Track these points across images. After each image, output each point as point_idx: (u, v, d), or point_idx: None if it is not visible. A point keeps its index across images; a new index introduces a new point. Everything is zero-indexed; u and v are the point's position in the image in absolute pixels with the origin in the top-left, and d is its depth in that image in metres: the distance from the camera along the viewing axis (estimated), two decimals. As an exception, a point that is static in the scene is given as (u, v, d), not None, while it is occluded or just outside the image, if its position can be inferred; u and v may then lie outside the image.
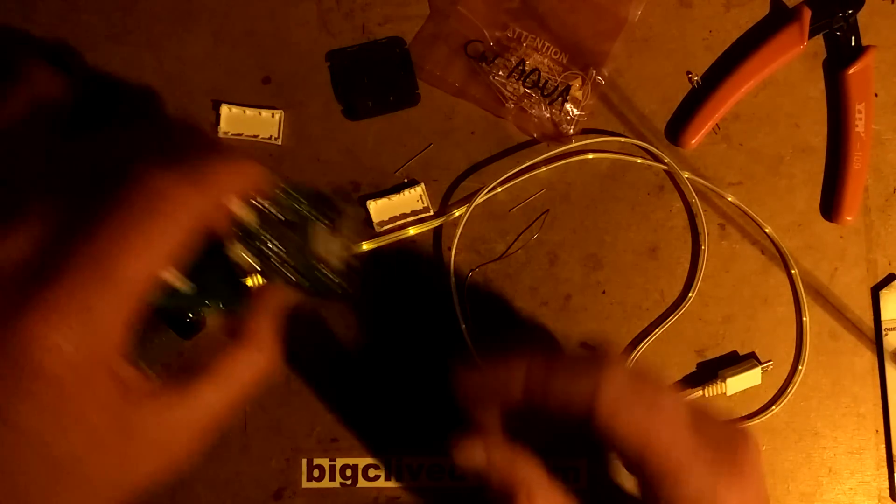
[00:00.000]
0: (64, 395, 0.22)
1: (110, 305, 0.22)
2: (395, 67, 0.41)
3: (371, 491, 0.40)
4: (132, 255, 0.23)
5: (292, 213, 0.29)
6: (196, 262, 0.26)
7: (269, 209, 0.28)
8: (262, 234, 0.28)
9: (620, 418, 0.28)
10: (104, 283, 0.22)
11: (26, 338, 0.21)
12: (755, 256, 0.42)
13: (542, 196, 0.42)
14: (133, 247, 0.23)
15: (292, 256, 0.29)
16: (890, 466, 0.41)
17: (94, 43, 0.41)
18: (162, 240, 0.23)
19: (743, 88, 0.41)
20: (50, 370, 0.22)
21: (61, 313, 0.22)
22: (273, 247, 0.28)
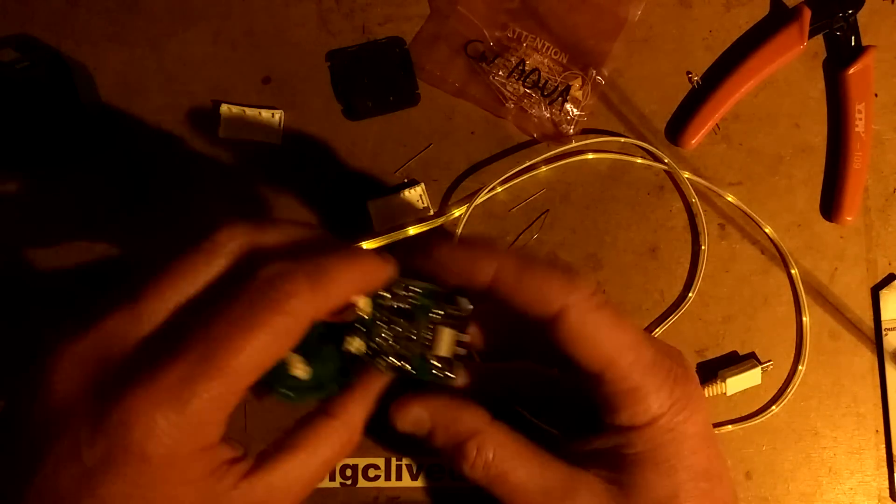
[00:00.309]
0: (156, 475, 0.22)
1: (212, 393, 0.23)
2: (395, 67, 0.41)
3: (371, 491, 0.40)
4: (241, 348, 0.23)
5: (409, 303, 0.29)
6: (311, 348, 0.27)
7: (387, 300, 0.29)
8: (378, 326, 0.29)
9: (587, 329, 0.27)
10: (210, 372, 0.22)
11: (127, 414, 0.22)
12: (755, 256, 0.42)
13: (542, 196, 0.42)
14: (243, 340, 0.23)
15: (405, 348, 0.29)
16: (890, 466, 0.41)
17: (94, 43, 0.41)
18: (274, 334, 0.24)
19: (743, 88, 0.41)
20: (145, 448, 0.22)
21: (164, 396, 0.22)
22: (386, 337, 0.29)
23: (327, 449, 0.28)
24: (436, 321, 0.29)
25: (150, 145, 0.41)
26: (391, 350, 0.29)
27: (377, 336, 0.29)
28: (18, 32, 0.41)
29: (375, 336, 0.29)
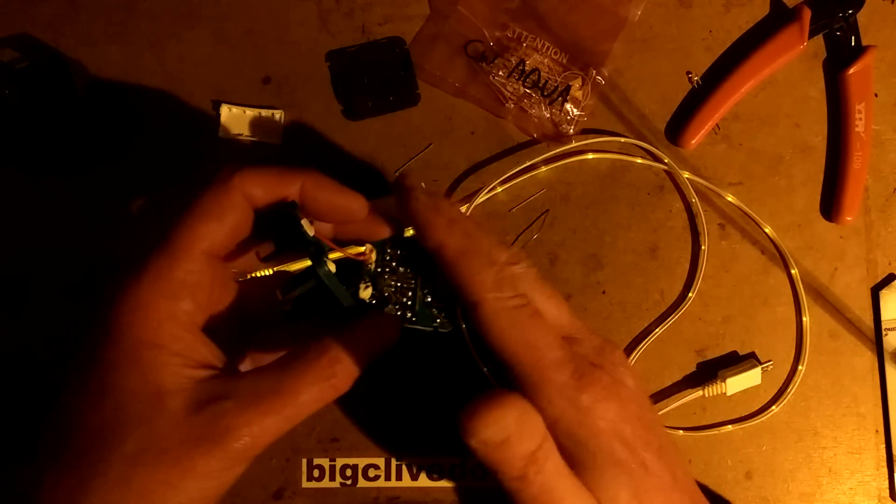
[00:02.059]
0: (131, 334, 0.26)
1: (165, 260, 0.27)
2: (395, 67, 0.41)
3: (371, 491, 0.40)
4: (180, 223, 0.27)
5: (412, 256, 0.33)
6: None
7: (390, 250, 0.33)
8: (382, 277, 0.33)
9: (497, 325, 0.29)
10: (163, 242, 0.27)
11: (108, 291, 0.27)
12: (755, 256, 0.42)
13: (542, 196, 0.42)
14: (183, 214, 0.28)
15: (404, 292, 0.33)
16: (890, 466, 0.41)
17: (94, 43, 0.41)
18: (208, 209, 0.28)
19: (743, 88, 0.41)
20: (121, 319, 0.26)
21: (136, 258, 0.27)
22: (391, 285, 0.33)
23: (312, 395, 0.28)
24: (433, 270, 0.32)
25: (150, 145, 0.41)
26: (394, 299, 0.33)
27: (382, 285, 0.33)
28: (18, 32, 0.41)
29: (381, 286, 0.33)
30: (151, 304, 0.26)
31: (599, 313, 0.41)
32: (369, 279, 0.32)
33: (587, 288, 0.42)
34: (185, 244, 0.27)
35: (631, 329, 0.42)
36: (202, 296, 0.28)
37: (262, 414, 0.26)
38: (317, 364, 0.28)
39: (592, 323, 0.41)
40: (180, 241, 0.27)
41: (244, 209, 0.29)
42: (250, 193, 0.29)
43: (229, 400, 0.26)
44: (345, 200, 0.31)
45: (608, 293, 0.42)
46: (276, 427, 0.27)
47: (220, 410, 0.26)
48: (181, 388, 0.26)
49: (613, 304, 0.42)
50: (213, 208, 0.28)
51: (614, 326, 0.41)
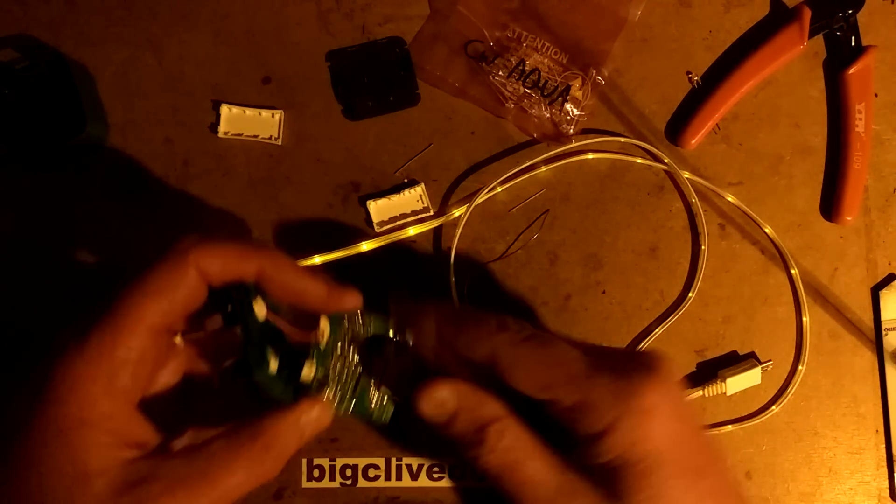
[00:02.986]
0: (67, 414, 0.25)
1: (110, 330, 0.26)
2: (395, 67, 0.41)
3: (371, 491, 0.40)
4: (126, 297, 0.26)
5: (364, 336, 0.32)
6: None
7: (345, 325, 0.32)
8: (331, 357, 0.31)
9: (519, 363, 0.30)
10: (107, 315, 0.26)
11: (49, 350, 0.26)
12: (755, 256, 0.42)
13: (542, 196, 0.42)
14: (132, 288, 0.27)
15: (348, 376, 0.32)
16: (890, 466, 0.41)
17: (94, 43, 0.41)
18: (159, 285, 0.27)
19: (743, 88, 0.41)
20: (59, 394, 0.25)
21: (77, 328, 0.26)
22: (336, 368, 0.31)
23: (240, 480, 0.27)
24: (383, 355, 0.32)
25: (149, 145, 0.41)
26: (336, 382, 0.31)
27: (329, 366, 0.31)
28: (18, 32, 0.41)
29: (326, 367, 0.31)
30: (88, 379, 0.25)
31: (599, 313, 0.41)
32: (316, 358, 0.31)
33: (587, 288, 0.42)
34: (131, 320, 0.26)
35: (631, 329, 0.42)
36: (143, 372, 0.27)
37: (188, 498, 0.26)
38: (248, 450, 0.27)
39: (592, 323, 0.41)
40: (126, 316, 0.26)
41: (197, 285, 0.28)
42: (206, 270, 0.28)
43: (156, 482, 0.26)
44: (303, 286, 0.30)
45: (608, 293, 0.42)
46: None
47: (145, 494, 0.25)
48: (108, 469, 0.25)
49: (613, 304, 0.42)
50: (164, 284, 0.27)
51: (614, 326, 0.41)
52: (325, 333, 0.31)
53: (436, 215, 0.41)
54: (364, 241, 0.40)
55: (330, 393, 0.31)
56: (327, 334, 0.31)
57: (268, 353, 0.29)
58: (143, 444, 0.27)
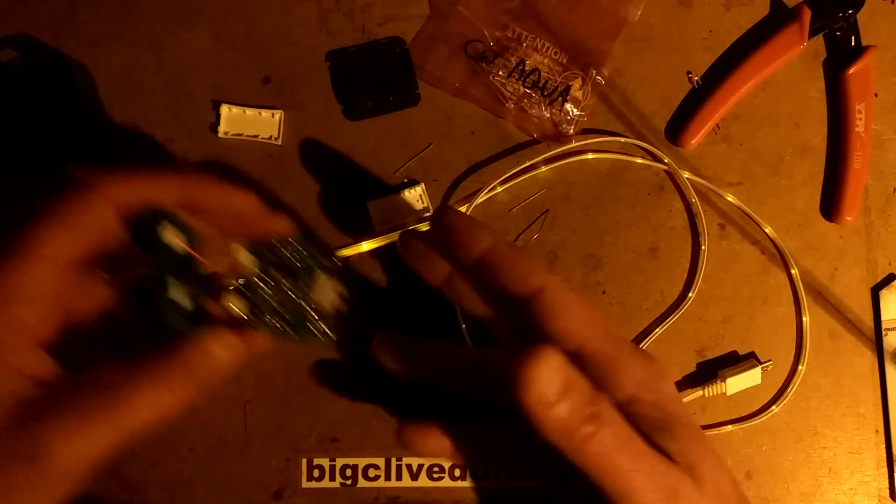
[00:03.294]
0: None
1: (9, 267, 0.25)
2: (395, 67, 0.41)
3: (371, 491, 0.40)
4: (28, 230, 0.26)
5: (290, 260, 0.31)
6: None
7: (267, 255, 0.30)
8: (259, 287, 0.30)
9: (564, 304, 0.28)
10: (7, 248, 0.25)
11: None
12: (755, 256, 0.42)
13: (542, 196, 0.42)
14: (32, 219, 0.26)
15: (284, 305, 0.30)
16: (890, 466, 0.41)
17: (94, 43, 0.41)
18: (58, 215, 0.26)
19: (743, 88, 0.41)
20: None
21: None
22: (267, 298, 0.30)
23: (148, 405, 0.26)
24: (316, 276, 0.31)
25: (149, 145, 0.41)
26: (269, 310, 0.30)
27: (256, 296, 0.29)
28: (18, 32, 0.41)
29: (255, 296, 0.29)
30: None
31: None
32: (241, 289, 0.29)
33: (587, 288, 0.41)
34: (32, 253, 0.25)
35: (631, 329, 0.42)
36: (46, 307, 0.26)
37: (81, 425, 0.25)
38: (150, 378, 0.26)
39: (592, 323, 0.41)
40: (27, 249, 0.25)
41: (110, 218, 0.27)
42: (117, 199, 0.27)
43: (52, 415, 0.25)
44: (230, 201, 0.29)
45: (608, 293, 0.42)
46: (100, 439, 0.25)
47: (40, 426, 0.25)
48: (2, 401, 0.25)
49: (613, 304, 0.42)
50: (68, 217, 0.26)
51: (614, 326, 0.41)
52: (245, 262, 0.29)
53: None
54: (364, 241, 0.40)
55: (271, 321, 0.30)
56: (248, 263, 0.29)
57: (167, 279, 0.27)
58: (43, 379, 0.26)
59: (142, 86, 0.41)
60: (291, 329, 0.30)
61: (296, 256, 0.31)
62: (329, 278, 0.31)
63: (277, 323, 0.30)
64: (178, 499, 0.40)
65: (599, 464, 0.25)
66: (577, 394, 0.25)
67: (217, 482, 0.40)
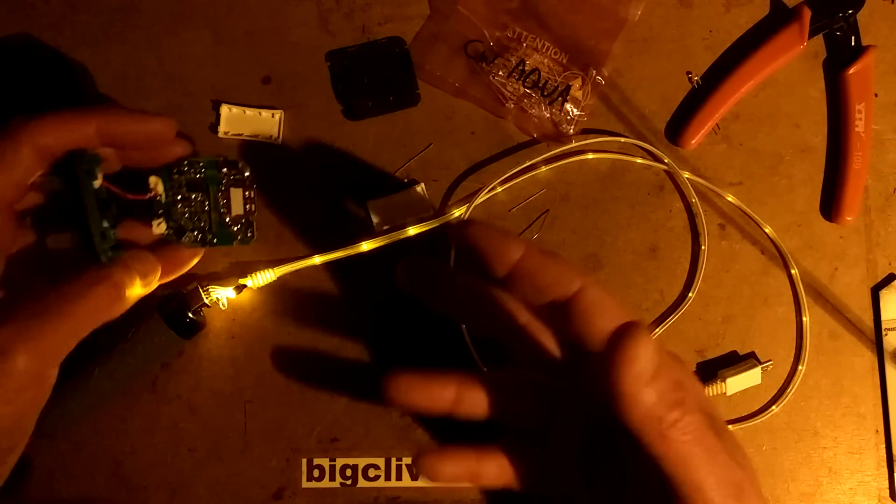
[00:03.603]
0: None
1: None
2: (395, 67, 0.41)
3: (371, 491, 0.40)
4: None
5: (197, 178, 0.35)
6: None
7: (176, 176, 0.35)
8: (174, 206, 0.35)
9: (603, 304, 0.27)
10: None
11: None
12: (755, 256, 0.42)
13: (542, 196, 0.42)
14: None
15: (201, 221, 0.35)
16: (890, 466, 0.41)
17: (94, 43, 0.41)
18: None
19: (743, 88, 0.41)
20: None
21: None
22: (184, 213, 0.35)
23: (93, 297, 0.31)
24: (225, 187, 0.36)
25: (150, 145, 0.41)
26: (190, 225, 0.35)
27: (176, 215, 0.35)
28: (18, 32, 0.41)
29: (175, 216, 0.35)
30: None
31: (599, 313, 0.41)
32: (161, 212, 0.35)
33: (587, 288, 0.41)
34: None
35: (631, 329, 0.42)
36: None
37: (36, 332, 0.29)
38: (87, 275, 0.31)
39: (592, 323, 0.41)
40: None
41: (33, 161, 0.30)
42: (43, 145, 0.30)
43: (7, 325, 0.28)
44: (147, 127, 0.33)
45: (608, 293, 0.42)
46: (52, 343, 0.29)
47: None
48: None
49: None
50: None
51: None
52: (157, 185, 0.34)
53: (436, 215, 0.41)
54: (364, 241, 0.40)
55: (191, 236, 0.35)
56: (161, 186, 0.34)
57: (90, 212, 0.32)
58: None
59: (142, 86, 0.41)
60: (213, 237, 0.36)
61: (203, 172, 0.35)
62: (238, 187, 0.36)
63: (199, 235, 0.36)
64: (178, 499, 0.40)
65: (679, 453, 0.24)
66: (667, 378, 0.24)
67: (217, 482, 0.40)
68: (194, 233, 0.35)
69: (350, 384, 0.41)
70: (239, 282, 0.39)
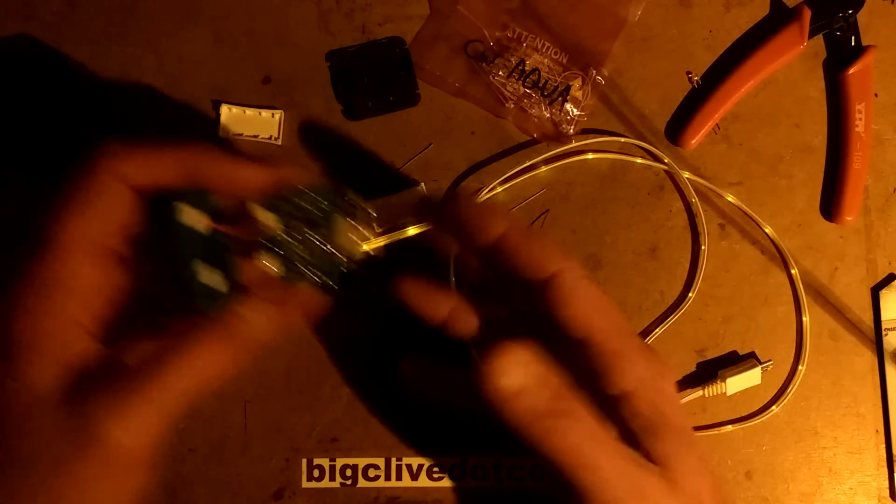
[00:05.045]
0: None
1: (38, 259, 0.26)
2: (395, 67, 0.41)
3: (371, 491, 0.40)
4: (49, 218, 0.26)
5: (312, 210, 0.31)
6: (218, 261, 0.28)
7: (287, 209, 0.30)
8: (283, 238, 0.30)
9: (578, 292, 0.28)
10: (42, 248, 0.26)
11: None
12: (755, 256, 0.42)
13: (542, 196, 0.42)
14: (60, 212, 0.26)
15: (314, 255, 0.30)
16: (890, 466, 0.41)
17: (94, 43, 0.41)
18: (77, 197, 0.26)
19: (743, 88, 0.41)
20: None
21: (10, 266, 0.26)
22: (294, 248, 0.30)
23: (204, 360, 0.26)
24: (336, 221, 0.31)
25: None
26: (303, 262, 0.30)
27: (288, 252, 0.30)
28: (18, 32, 0.41)
29: (287, 252, 0.30)
30: (25, 301, 0.25)
31: (599, 313, 0.41)
32: (270, 248, 0.30)
33: (587, 288, 0.41)
34: (57, 240, 0.26)
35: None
36: (87, 292, 0.26)
37: (136, 406, 0.25)
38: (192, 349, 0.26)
39: (592, 323, 0.41)
40: (50, 236, 0.26)
41: (127, 198, 0.27)
42: (132, 180, 0.27)
43: (101, 397, 0.25)
44: (239, 171, 0.29)
45: (608, 293, 0.41)
46: (154, 418, 0.25)
47: (91, 410, 0.24)
48: (52, 388, 0.25)
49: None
50: (82, 200, 0.26)
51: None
52: (265, 220, 0.30)
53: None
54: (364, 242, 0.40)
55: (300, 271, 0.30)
56: (268, 220, 0.30)
57: (195, 264, 0.27)
58: (90, 363, 0.26)
59: (142, 86, 0.41)
60: (326, 276, 0.30)
61: (313, 205, 0.31)
62: (348, 220, 0.31)
63: (312, 273, 0.30)
64: (178, 499, 0.40)
65: (564, 456, 0.26)
66: (544, 388, 0.27)
67: (217, 482, 0.40)
68: (303, 267, 0.30)
69: (350, 384, 0.41)
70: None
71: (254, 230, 0.29)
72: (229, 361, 0.27)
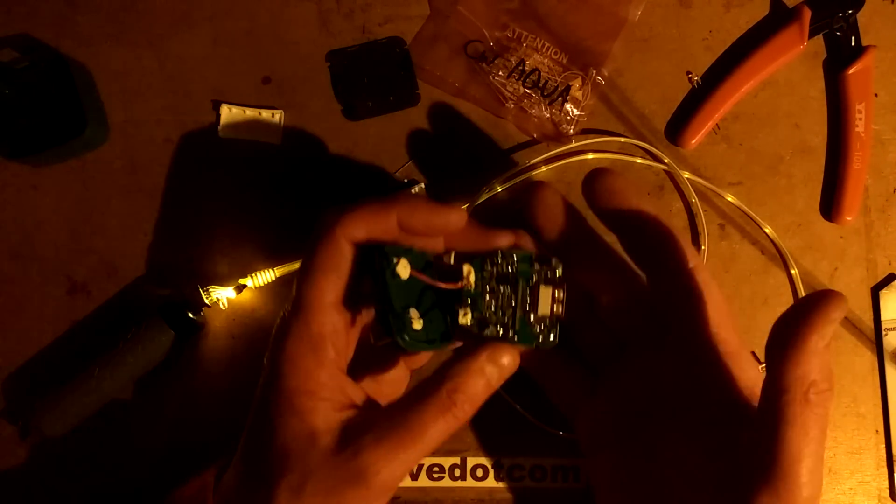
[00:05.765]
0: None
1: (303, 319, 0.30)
2: (395, 67, 0.41)
3: (371, 491, 0.40)
4: (304, 283, 0.30)
5: (511, 271, 0.32)
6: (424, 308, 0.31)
7: (489, 268, 0.32)
8: (482, 298, 0.32)
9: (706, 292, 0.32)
10: (297, 303, 0.30)
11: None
12: (755, 256, 0.42)
13: (542, 196, 0.42)
14: (307, 275, 0.30)
15: (507, 316, 0.32)
16: (890, 466, 0.41)
17: (94, 43, 0.41)
18: (323, 266, 0.30)
19: (743, 88, 0.41)
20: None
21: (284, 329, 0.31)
22: (491, 307, 0.32)
23: (437, 428, 0.30)
24: (535, 284, 0.32)
25: (149, 145, 0.41)
26: (495, 319, 0.32)
27: (483, 307, 0.32)
28: (18, 32, 0.41)
29: (481, 307, 0.32)
30: (299, 358, 0.30)
31: (599, 313, 0.41)
32: (469, 302, 0.32)
33: (587, 288, 0.41)
34: (315, 301, 0.30)
35: (631, 329, 0.41)
36: (341, 341, 0.31)
37: (396, 449, 0.29)
38: (436, 398, 0.30)
39: (592, 323, 0.41)
40: (310, 300, 0.30)
41: (350, 253, 0.31)
42: (353, 237, 0.31)
43: (369, 436, 0.29)
44: (441, 218, 0.32)
45: (608, 293, 0.42)
46: (409, 460, 0.29)
47: (361, 447, 0.29)
48: (331, 427, 0.29)
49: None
50: (329, 263, 0.30)
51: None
52: (470, 275, 0.32)
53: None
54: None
55: (494, 330, 0.32)
56: (473, 276, 0.32)
57: (406, 317, 0.30)
58: (354, 404, 0.31)
59: (142, 86, 0.41)
60: (515, 334, 0.32)
61: (516, 266, 0.33)
62: (547, 286, 0.32)
63: (501, 329, 0.32)
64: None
65: (807, 421, 0.29)
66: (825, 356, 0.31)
67: (217, 482, 0.40)
68: (497, 326, 0.32)
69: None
70: (239, 282, 0.39)
71: (455, 283, 0.32)
72: (468, 419, 0.31)
